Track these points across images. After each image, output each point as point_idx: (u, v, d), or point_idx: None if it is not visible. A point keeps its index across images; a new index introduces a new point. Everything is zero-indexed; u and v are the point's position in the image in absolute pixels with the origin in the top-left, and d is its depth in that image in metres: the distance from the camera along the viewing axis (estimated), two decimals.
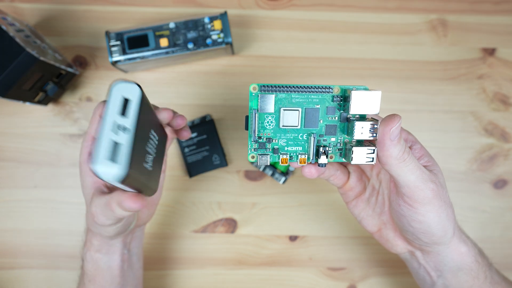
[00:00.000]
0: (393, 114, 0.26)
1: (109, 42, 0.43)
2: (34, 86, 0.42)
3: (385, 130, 0.25)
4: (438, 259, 0.33)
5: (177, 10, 0.49)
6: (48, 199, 0.48)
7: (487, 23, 0.49)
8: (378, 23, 0.49)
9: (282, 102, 0.28)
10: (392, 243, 0.34)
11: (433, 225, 0.29)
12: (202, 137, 0.47)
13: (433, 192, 0.28)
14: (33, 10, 0.48)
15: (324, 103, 0.28)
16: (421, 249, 0.33)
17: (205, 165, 0.47)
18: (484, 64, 0.49)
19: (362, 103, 0.26)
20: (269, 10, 0.49)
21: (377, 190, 0.34)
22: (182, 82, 0.49)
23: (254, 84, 0.28)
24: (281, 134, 0.29)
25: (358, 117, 0.28)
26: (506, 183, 0.49)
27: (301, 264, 0.49)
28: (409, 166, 0.27)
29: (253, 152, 0.29)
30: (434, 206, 0.28)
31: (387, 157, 0.26)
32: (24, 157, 0.48)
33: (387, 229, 0.34)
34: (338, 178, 0.33)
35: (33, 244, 0.48)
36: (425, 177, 0.27)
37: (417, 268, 0.35)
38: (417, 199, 0.28)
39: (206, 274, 0.49)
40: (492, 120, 0.49)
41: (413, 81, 0.49)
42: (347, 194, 0.34)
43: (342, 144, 0.29)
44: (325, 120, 0.29)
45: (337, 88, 0.28)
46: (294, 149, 0.29)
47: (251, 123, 0.28)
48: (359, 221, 0.35)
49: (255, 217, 0.49)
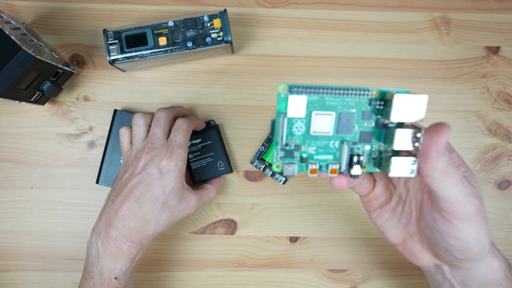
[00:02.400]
0: (441, 122, 0.23)
1: (107, 40, 0.43)
2: (31, 85, 0.41)
3: (432, 141, 0.23)
4: (468, 275, 0.31)
5: (176, 8, 0.48)
6: (44, 200, 0.47)
7: (491, 21, 0.49)
8: (380, 21, 0.49)
9: (314, 105, 0.25)
10: (418, 256, 0.32)
11: (471, 242, 0.27)
12: (206, 143, 0.46)
13: (476, 208, 0.26)
14: (29, 8, 0.47)
15: (360, 107, 0.25)
16: (451, 264, 0.30)
17: (209, 172, 0.46)
18: (488, 62, 0.49)
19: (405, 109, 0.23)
20: (269, 8, 0.48)
21: (404, 200, 0.32)
22: (181, 81, 0.48)
23: (284, 85, 0.24)
24: (311, 141, 0.26)
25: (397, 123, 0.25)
26: (510, 184, 0.48)
27: (301, 266, 0.48)
28: (453, 180, 0.24)
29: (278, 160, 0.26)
30: (475, 223, 0.26)
31: (430, 170, 0.24)
32: (21, 157, 0.47)
33: (413, 241, 0.32)
34: (364, 186, 0.31)
35: (29, 245, 0.47)
36: (468, 191, 0.25)
37: (440, 281, 0.33)
38: (458, 215, 0.26)
39: (205, 276, 0.48)
40: (496, 119, 0.48)
41: (415, 80, 0.49)
42: (371, 203, 0.32)
43: (377, 153, 0.26)
44: (360, 126, 0.26)
45: (375, 91, 0.25)
46: (324, 157, 0.26)
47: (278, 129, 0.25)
48: (381, 232, 0.33)
49: (255, 218, 0.48)
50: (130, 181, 0.37)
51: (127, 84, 0.48)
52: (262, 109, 0.48)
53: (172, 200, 0.37)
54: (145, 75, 0.48)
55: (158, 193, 0.36)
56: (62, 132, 0.47)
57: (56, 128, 0.47)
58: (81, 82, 0.48)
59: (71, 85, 0.48)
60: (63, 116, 0.47)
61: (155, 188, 0.36)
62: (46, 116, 0.47)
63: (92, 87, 0.48)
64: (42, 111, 0.47)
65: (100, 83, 0.48)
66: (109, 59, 0.43)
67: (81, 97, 0.48)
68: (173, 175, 0.36)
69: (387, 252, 0.49)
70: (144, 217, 0.36)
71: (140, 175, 0.36)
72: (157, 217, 0.37)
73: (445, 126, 0.22)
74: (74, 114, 0.48)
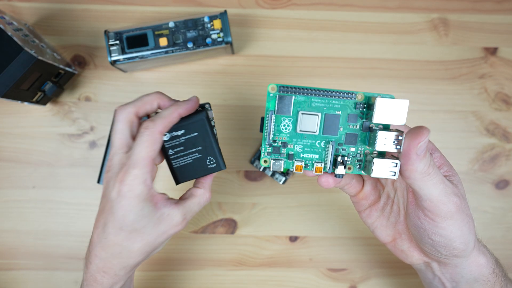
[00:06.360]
0: (421, 126, 0.24)
1: (108, 41, 0.43)
2: (33, 86, 0.42)
3: (412, 143, 0.24)
4: (456, 271, 0.31)
5: (176, 9, 0.48)
6: (46, 199, 0.48)
7: (489, 22, 0.49)
8: (379, 22, 0.49)
9: (301, 105, 0.26)
10: (407, 254, 0.33)
11: (454, 239, 0.28)
12: (191, 135, 0.34)
13: (456, 206, 0.27)
14: (31, 9, 0.48)
15: (345, 110, 0.27)
16: (439, 260, 0.31)
17: (197, 170, 0.35)
18: (486, 63, 0.49)
19: (387, 112, 0.25)
20: (269, 9, 0.49)
21: (392, 199, 0.33)
22: (181, 82, 0.48)
23: (273, 84, 0.26)
24: (298, 140, 0.27)
25: (381, 127, 0.26)
26: (508, 183, 0.49)
27: (301, 265, 0.49)
28: (433, 180, 0.25)
29: (266, 156, 0.28)
30: (457, 220, 0.27)
31: (411, 171, 0.25)
32: (22, 157, 0.47)
33: (402, 239, 0.33)
34: (352, 186, 0.32)
35: (31, 245, 0.48)
36: (449, 190, 0.26)
37: (431, 278, 0.34)
38: (439, 213, 0.27)
39: (206, 275, 0.48)
40: (494, 120, 0.49)
41: (414, 81, 0.49)
42: (360, 202, 0.33)
43: (362, 155, 0.27)
44: (346, 128, 0.27)
45: (360, 95, 0.26)
46: (310, 156, 0.28)
47: (267, 125, 0.26)
48: (372, 231, 0.34)
49: (255, 218, 0.49)
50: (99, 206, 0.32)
51: (128, 85, 0.48)
52: (262, 109, 0.49)
53: (142, 227, 0.30)
54: (146, 75, 0.48)
55: (119, 223, 0.29)
56: (63, 132, 0.48)
57: (58, 128, 0.48)
58: (83, 82, 0.48)
59: (72, 85, 0.48)
60: (64, 117, 0.48)
61: (115, 217, 0.29)
62: (48, 117, 0.48)
63: (93, 88, 0.48)
64: (43, 112, 0.48)
65: (101, 83, 0.48)
66: (110, 60, 0.43)
67: (82, 98, 0.48)
68: (130, 204, 0.29)
69: (386, 251, 0.49)
70: (112, 248, 0.30)
71: (102, 199, 0.31)
72: (128, 248, 0.30)
73: (424, 129, 0.23)
74: (75, 114, 0.48)
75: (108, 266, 0.31)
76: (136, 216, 0.29)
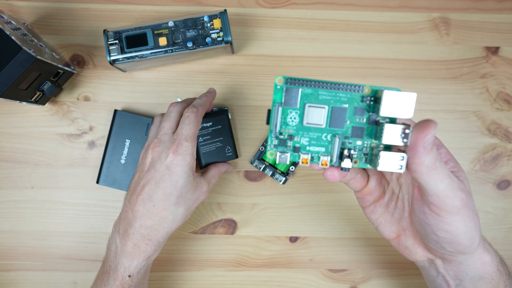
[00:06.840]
0: (428, 119, 0.24)
1: (107, 40, 0.43)
2: (31, 86, 0.42)
3: (419, 136, 0.23)
4: (460, 268, 0.31)
5: (176, 9, 0.48)
6: (45, 199, 0.47)
7: (490, 21, 0.49)
8: (380, 21, 0.49)
9: (308, 97, 0.26)
10: (411, 251, 0.33)
11: (460, 235, 0.28)
12: (216, 127, 0.45)
13: (463, 202, 0.26)
14: (30, 8, 0.47)
15: (352, 103, 0.26)
16: (443, 257, 0.31)
17: (217, 156, 0.45)
18: (487, 63, 0.49)
19: (394, 105, 0.24)
20: (269, 8, 0.49)
21: (397, 195, 0.32)
22: (181, 82, 0.48)
23: (280, 77, 0.26)
24: (304, 132, 0.27)
25: (388, 120, 0.26)
26: (509, 183, 0.49)
27: (301, 265, 0.48)
28: (440, 175, 0.25)
29: (272, 148, 0.27)
30: (463, 216, 0.27)
31: (417, 165, 0.24)
32: (21, 157, 0.47)
33: (406, 236, 0.32)
34: (357, 181, 0.32)
35: (29, 245, 0.47)
36: (455, 185, 0.26)
37: (434, 276, 0.33)
38: (445, 208, 0.26)
39: (205, 276, 0.48)
40: (496, 119, 0.49)
41: (415, 80, 0.49)
42: (365, 198, 0.33)
43: (369, 149, 0.27)
44: (352, 121, 0.27)
45: (368, 88, 0.26)
46: (316, 149, 0.27)
47: (273, 118, 0.26)
48: (375, 227, 0.34)
49: (255, 218, 0.48)
50: (141, 180, 0.36)
51: (127, 84, 0.48)
52: (262, 109, 0.48)
53: (186, 193, 0.36)
54: (145, 75, 0.48)
55: (170, 189, 0.35)
56: (62, 132, 0.48)
57: (57, 128, 0.47)
58: (82, 82, 0.48)
59: (71, 85, 0.48)
60: (63, 116, 0.48)
61: (166, 184, 0.35)
62: (47, 116, 0.47)
63: (92, 87, 0.48)
64: (42, 111, 0.47)
65: (101, 83, 0.48)
66: (110, 59, 0.43)
67: (81, 97, 0.48)
68: (183, 170, 0.35)
69: (387, 252, 0.49)
70: (160, 214, 0.36)
71: (149, 172, 0.36)
72: (174, 212, 0.36)
73: (432, 122, 0.23)
74: (74, 114, 0.48)
75: (153, 234, 0.36)
76: (185, 182, 0.36)
